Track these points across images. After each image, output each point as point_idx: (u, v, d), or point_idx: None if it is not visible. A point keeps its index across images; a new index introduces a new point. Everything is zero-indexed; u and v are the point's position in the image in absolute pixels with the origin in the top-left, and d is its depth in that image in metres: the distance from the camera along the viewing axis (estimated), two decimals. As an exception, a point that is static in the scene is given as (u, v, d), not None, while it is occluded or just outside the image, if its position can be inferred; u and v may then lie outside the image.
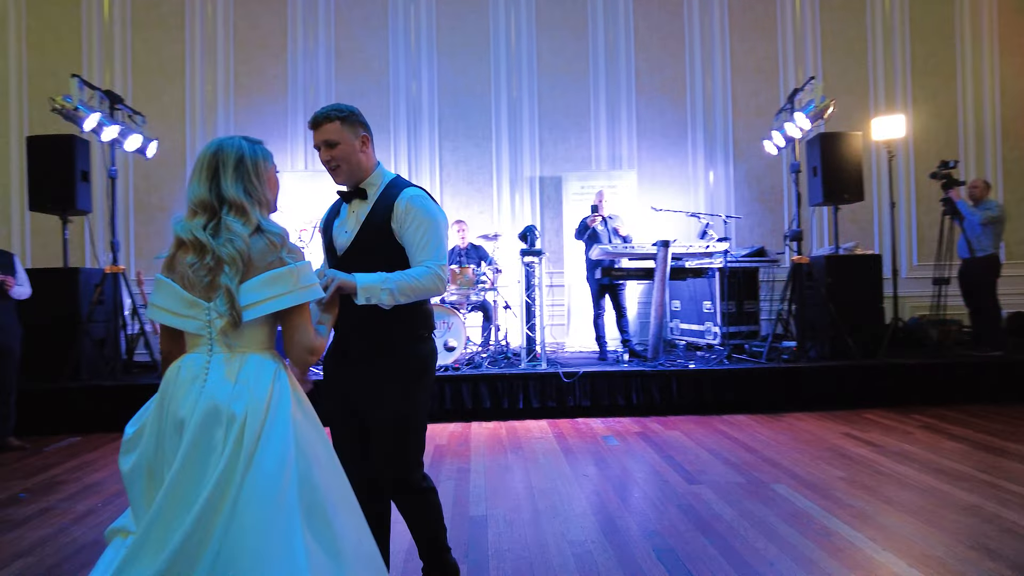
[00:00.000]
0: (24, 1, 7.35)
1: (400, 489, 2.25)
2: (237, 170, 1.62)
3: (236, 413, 1.50)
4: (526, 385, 5.73)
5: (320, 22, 7.52)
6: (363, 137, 2.17)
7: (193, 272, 1.57)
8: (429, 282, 2.09)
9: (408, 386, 2.20)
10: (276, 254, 1.60)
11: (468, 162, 7.63)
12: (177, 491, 1.46)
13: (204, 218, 1.59)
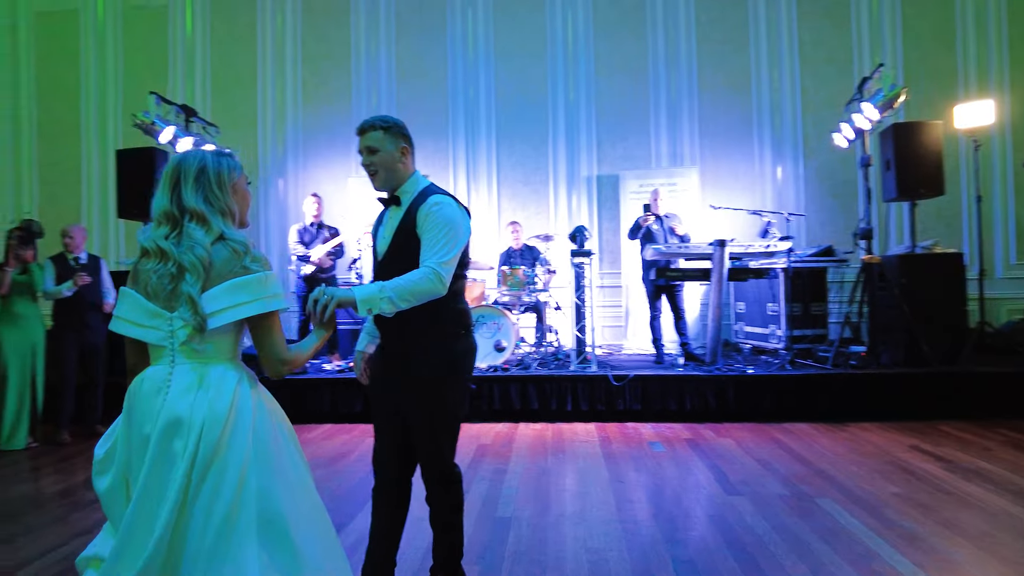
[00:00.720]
0: (120, 24, 7.99)
1: (439, 480, 2.36)
2: (198, 180, 1.64)
3: (195, 424, 1.50)
4: (574, 387, 5.66)
5: (381, 32, 7.74)
6: (403, 148, 2.30)
7: (157, 280, 1.58)
8: (427, 283, 2.12)
9: (441, 383, 2.29)
10: (239, 262, 1.60)
11: (525, 164, 7.64)
12: (143, 508, 1.46)
13: (167, 228, 1.61)
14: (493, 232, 7.57)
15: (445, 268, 2.16)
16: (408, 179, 2.35)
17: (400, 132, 2.30)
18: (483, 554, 2.92)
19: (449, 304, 2.31)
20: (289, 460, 1.63)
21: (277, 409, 1.71)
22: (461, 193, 7.66)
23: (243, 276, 1.59)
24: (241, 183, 1.75)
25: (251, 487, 1.52)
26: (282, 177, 7.86)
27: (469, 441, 5.01)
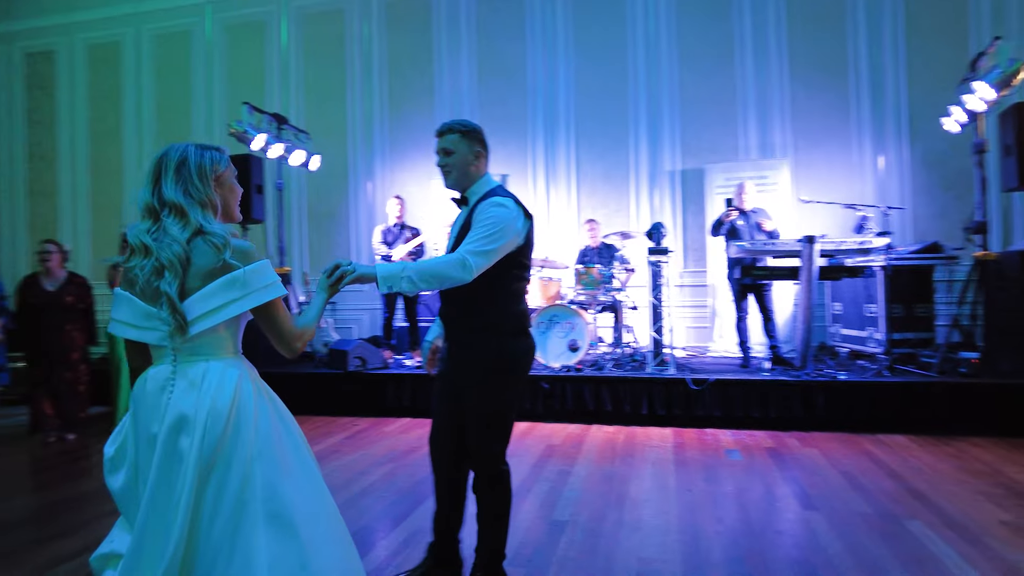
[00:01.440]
0: (225, 41, 8.59)
1: (484, 477, 2.44)
2: (179, 172, 1.63)
3: (199, 421, 1.53)
4: (650, 390, 5.48)
5: (463, 34, 7.84)
6: (477, 152, 2.42)
7: (143, 278, 1.58)
8: (451, 269, 2.18)
9: (494, 381, 2.38)
10: (219, 256, 1.58)
11: (604, 159, 7.49)
12: (156, 506, 1.51)
13: (149, 222, 1.61)
14: (572, 230, 7.48)
15: (475, 258, 2.20)
16: (478, 181, 2.45)
17: (476, 137, 2.42)
18: (532, 557, 2.88)
19: (506, 305, 2.41)
20: (293, 453, 1.66)
21: (279, 404, 1.73)
22: (540, 192, 7.63)
23: (231, 273, 1.58)
24: (227, 176, 1.74)
25: (256, 481, 1.55)
26: (370, 180, 8.15)
27: (538, 441, 4.97)
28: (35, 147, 9.38)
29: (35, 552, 3.04)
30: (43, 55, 9.30)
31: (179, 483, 1.50)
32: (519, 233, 2.34)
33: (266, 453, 1.59)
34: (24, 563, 2.93)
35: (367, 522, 3.35)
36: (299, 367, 6.64)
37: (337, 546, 1.65)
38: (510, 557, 2.85)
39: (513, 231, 2.30)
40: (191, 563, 1.50)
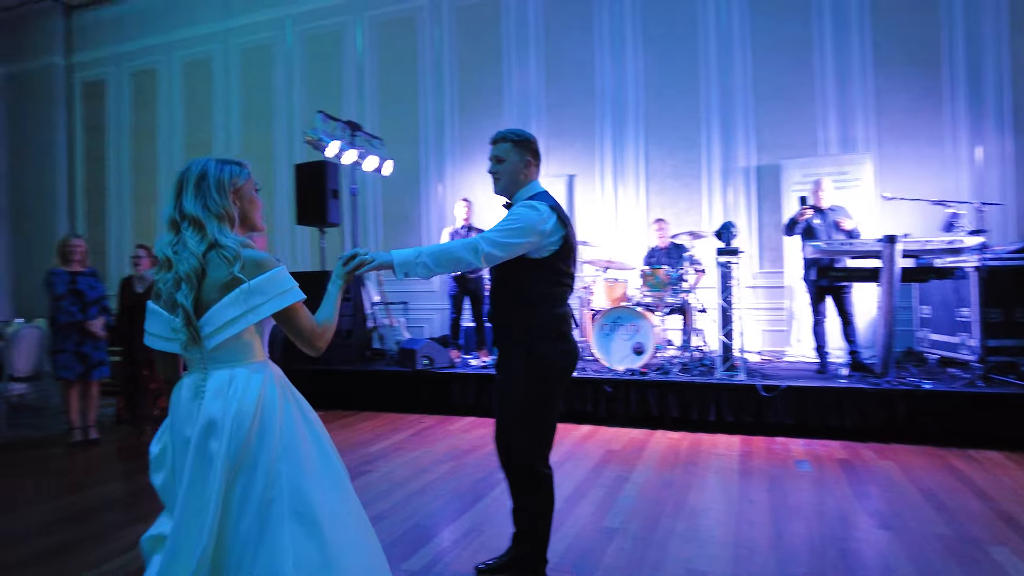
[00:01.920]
0: (304, 51, 8.99)
1: (522, 478, 2.50)
2: (199, 187, 1.70)
3: (226, 425, 1.61)
4: (718, 396, 5.31)
5: (530, 36, 7.86)
6: (528, 161, 2.51)
7: (166, 291, 1.68)
8: (463, 252, 2.27)
9: (530, 382, 2.44)
10: (228, 270, 1.64)
11: (674, 156, 7.30)
12: (190, 503, 1.60)
13: (172, 235, 1.69)
14: (640, 231, 7.34)
15: (488, 245, 2.29)
16: (524, 187, 2.53)
17: (528, 146, 2.52)
18: (577, 562, 2.86)
19: (542, 309, 2.47)
20: (318, 454, 1.72)
21: (305, 405, 1.79)
22: (608, 192, 7.54)
23: (241, 285, 1.64)
24: (247, 188, 1.80)
25: (282, 481, 1.63)
26: (441, 182, 8.32)
27: (598, 445, 4.92)
28: (137, 158, 10.16)
29: (119, 534, 3.31)
30: (146, 73, 10.06)
31: (210, 483, 1.59)
32: (545, 235, 2.38)
33: (291, 454, 1.66)
34: (110, 542, 3.20)
35: (421, 519, 3.42)
36: (370, 365, 6.87)
37: (361, 544, 1.71)
38: (556, 561, 2.85)
39: (535, 232, 2.34)
40: (222, 557, 1.59)
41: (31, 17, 10.51)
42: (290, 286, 1.71)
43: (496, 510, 3.47)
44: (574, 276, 2.60)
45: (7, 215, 10.70)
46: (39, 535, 3.34)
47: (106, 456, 5.01)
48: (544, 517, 2.50)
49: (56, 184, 10.43)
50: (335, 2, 8.80)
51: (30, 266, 9.95)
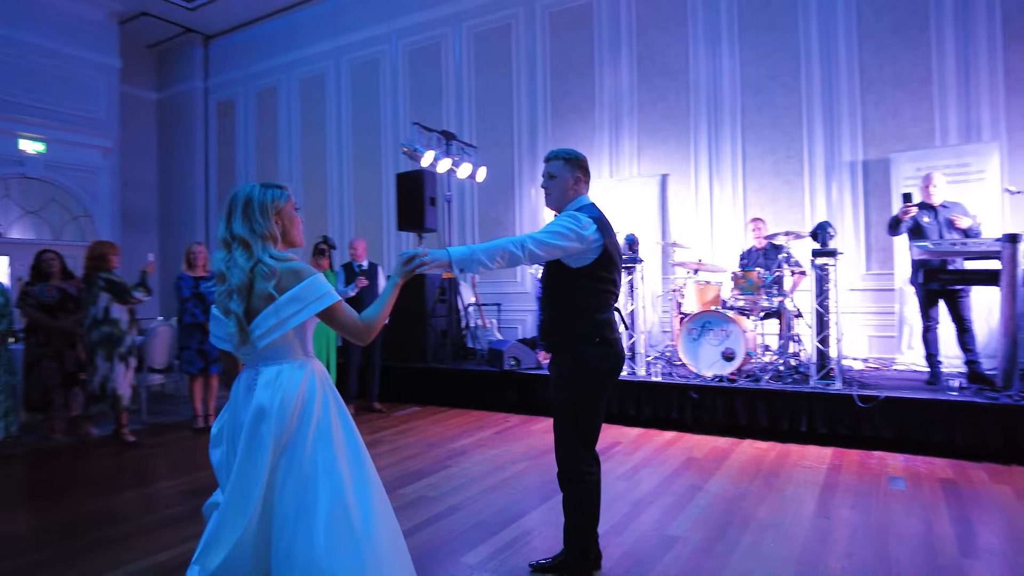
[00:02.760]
0: (407, 64, 9.46)
1: (562, 474, 2.64)
2: (245, 211, 1.95)
3: (273, 412, 1.87)
4: (810, 406, 5.05)
5: (622, 34, 7.79)
6: (577, 178, 2.68)
7: (221, 300, 1.94)
8: (511, 246, 2.40)
9: (571, 384, 2.58)
10: (266, 285, 1.90)
11: (774, 152, 6.97)
12: (241, 476, 1.87)
13: (225, 252, 1.96)
14: (736, 231, 7.09)
15: (532, 243, 2.42)
16: (573, 201, 2.68)
17: (578, 164, 2.68)
18: (631, 568, 2.88)
19: (584, 315, 2.59)
20: (347, 439, 1.98)
21: (339, 399, 2.05)
22: (703, 190, 7.34)
23: (284, 294, 1.90)
24: (287, 209, 2.03)
25: (318, 459, 1.89)
26: (534, 186, 8.45)
27: (679, 452, 4.85)
28: (261, 169, 11.13)
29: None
30: (269, 91, 11.00)
31: (259, 460, 1.86)
32: (585, 241, 2.49)
33: (325, 438, 1.92)
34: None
35: (488, 516, 3.57)
36: (462, 364, 7.14)
37: (385, 516, 1.94)
38: (609, 565, 2.89)
39: (575, 237, 2.47)
40: (267, 522, 1.86)
41: (177, 48, 11.80)
42: (324, 292, 1.93)
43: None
44: (617, 283, 2.68)
45: (156, 222, 12.10)
46: (167, 507, 3.84)
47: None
48: (585, 515, 2.58)
49: (195, 194, 11.65)
50: (436, 16, 9.17)
51: (176, 269, 11.21)
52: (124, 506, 3.93)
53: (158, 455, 5.12)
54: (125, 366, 5.36)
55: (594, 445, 2.65)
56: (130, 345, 5.42)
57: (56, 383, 5.39)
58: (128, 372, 5.38)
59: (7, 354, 5.20)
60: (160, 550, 3.17)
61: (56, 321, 5.38)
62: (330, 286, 1.97)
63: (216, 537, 1.87)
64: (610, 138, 7.91)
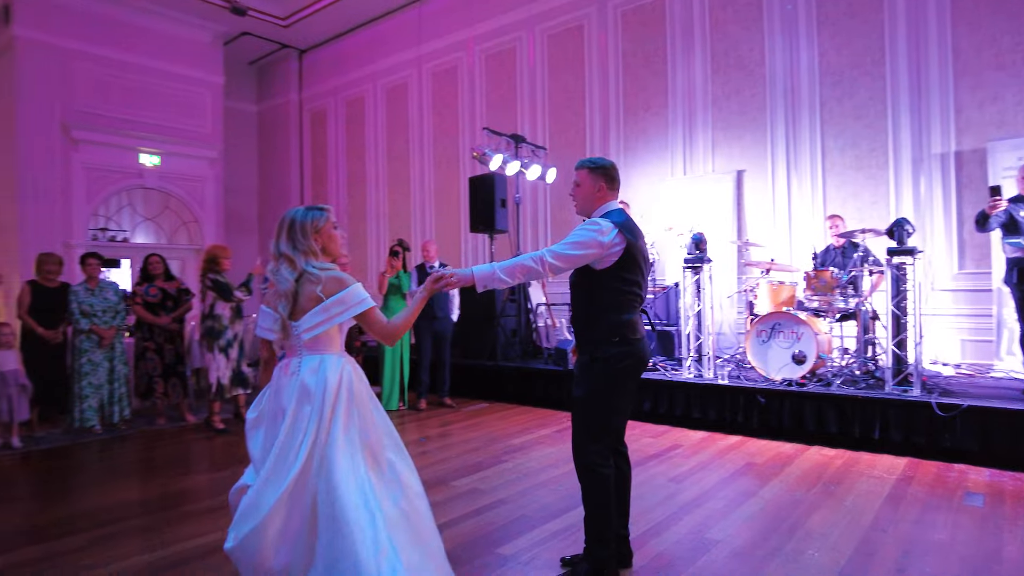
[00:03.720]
0: (482, 68, 9.67)
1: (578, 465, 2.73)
2: (290, 231, 2.33)
3: (317, 394, 2.21)
4: (884, 413, 4.78)
5: (695, 29, 7.62)
6: (601, 186, 2.79)
7: (270, 299, 2.34)
8: (530, 263, 2.56)
9: (589, 379, 2.70)
10: (314, 288, 2.27)
11: (856, 146, 6.59)
12: (284, 451, 2.19)
13: (273, 264, 2.34)
14: (816, 228, 6.77)
15: (551, 256, 2.55)
16: (599, 207, 2.79)
17: (603, 173, 2.79)
18: (663, 568, 2.90)
19: (607, 315, 2.68)
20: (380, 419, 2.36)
21: (367, 385, 2.39)
22: (780, 186, 7.06)
23: (324, 300, 2.26)
24: (326, 228, 2.39)
25: (355, 432, 2.24)
26: (606, 185, 8.42)
27: (740, 457, 4.75)
28: (350, 175, 11.73)
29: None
30: (357, 100, 11.57)
31: (301, 435, 2.18)
32: (605, 247, 2.57)
33: (363, 415, 2.29)
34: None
35: (532, 511, 3.66)
36: (529, 363, 7.26)
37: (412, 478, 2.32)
38: (642, 564, 2.92)
39: (594, 244, 2.57)
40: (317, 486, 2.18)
41: (274, 63, 12.65)
42: (363, 298, 2.30)
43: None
44: (641, 285, 2.73)
45: (257, 226, 13.03)
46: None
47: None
48: (598, 505, 2.64)
49: (290, 198, 12.44)
50: (511, 20, 9.33)
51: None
52: (207, 485, 4.34)
53: (240, 441, 5.58)
54: (225, 357, 5.86)
55: (608, 440, 2.72)
56: (230, 338, 5.90)
57: (158, 373, 5.99)
58: (228, 363, 5.87)
59: (120, 347, 5.84)
60: (230, 526, 3.51)
61: (158, 318, 5.98)
62: (366, 294, 2.32)
63: (253, 505, 2.16)
64: (684, 135, 7.76)
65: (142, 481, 4.49)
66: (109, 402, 5.72)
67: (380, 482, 2.22)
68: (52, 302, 5.60)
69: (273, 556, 2.13)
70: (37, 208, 8.85)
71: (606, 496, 2.66)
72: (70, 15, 9.22)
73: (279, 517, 2.12)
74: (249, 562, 2.16)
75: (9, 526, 3.61)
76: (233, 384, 5.88)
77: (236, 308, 5.94)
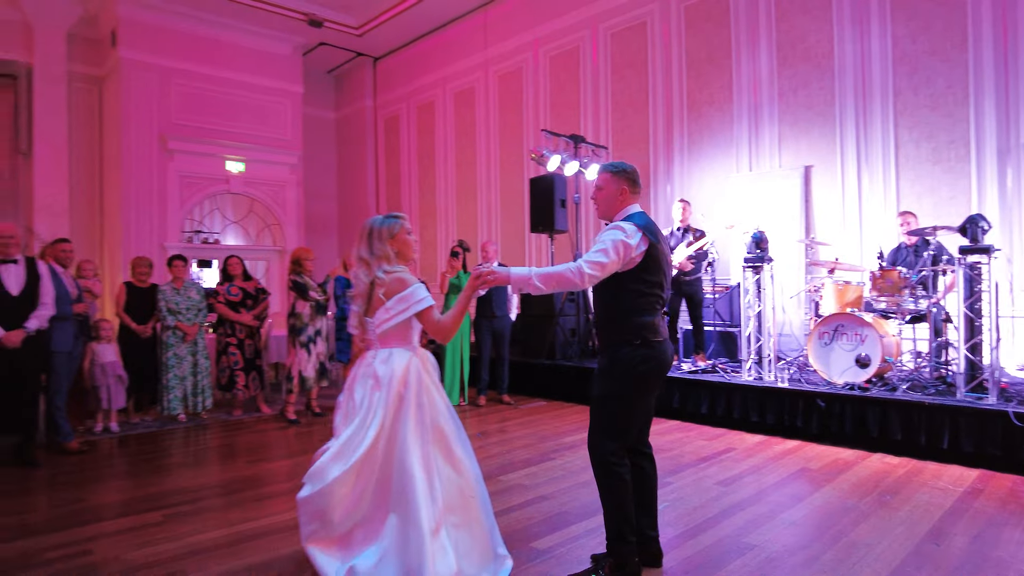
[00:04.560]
0: (546, 69, 9.75)
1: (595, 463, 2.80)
2: (368, 239, 2.72)
3: (384, 382, 2.62)
4: (954, 421, 4.53)
5: (761, 21, 7.40)
6: (623, 189, 2.85)
7: (353, 299, 2.80)
8: (567, 273, 2.61)
9: (609, 380, 2.77)
10: (379, 291, 2.67)
11: (933, 138, 6.21)
12: (355, 431, 2.64)
13: (356, 268, 2.77)
14: (887, 225, 6.45)
15: (587, 266, 2.60)
16: (622, 211, 2.85)
17: (624, 177, 2.85)
18: (693, 569, 2.91)
19: (627, 317, 2.73)
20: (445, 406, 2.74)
21: (435, 376, 2.77)
22: (850, 182, 6.77)
23: (393, 296, 2.64)
24: (400, 234, 2.75)
25: (423, 419, 2.62)
26: (669, 183, 8.33)
27: (794, 463, 4.63)
28: (422, 178, 12.09)
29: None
30: (427, 105, 11.92)
31: (371, 418, 2.62)
32: (632, 249, 2.62)
33: (430, 401, 2.67)
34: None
35: (572, 508, 3.73)
36: (587, 362, 7.29)
37: (472, 460, 2.71)
38: (672, 564, 2.95)
39: (624, 248, 2.61)
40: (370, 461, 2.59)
41: (350, 71, 13.20)
42: (420, 298, 2.64)
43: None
44: (663, 287, 2.75)
45: (336, 228, 13.65)
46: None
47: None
48: (616, 503, 2.68)
49: (366, 201, 12.96)
50: (574, 20, 9.36)
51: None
52: (280, 470, 4.68)
53: (312, 432, 5.93)
54: (307, 352, 6.25)
55: (626, 439, 2.76)
56: (311, 335, 6.27)
57: (239, 367, 6.45)
58: (310, 357, 6.26)
59: (203, 342, 6.34)
60: (289, 510, 3.79)
61: (238, 315, 6.43)
62: (425, 294, 2.67)
63: (321, 470, 2.63)
64: (749, 130, 7.56)
65: (221, 465, 4.88)
66: (192, 393, 6.22)
67: (439, 462, 2.61)
68: (144, 301, 6.15)
69: (335, 513, 2.60)
70: (138, 214, 9.67)
71: (623, 494, 2.70)
72: (167, 36, 10.01)
73: (343, 486, 2.58)
74: (312, 511, 2.64)
75: (105, 500, 4.05)
76: (315, 377, 6.28)
77: (316, 306, 6.29)
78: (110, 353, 5.76)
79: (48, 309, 4.76)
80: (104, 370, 5.69)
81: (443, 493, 2.57)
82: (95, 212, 10.37)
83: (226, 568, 2.98)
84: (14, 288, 4.62)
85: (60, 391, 5.11)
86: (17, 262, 4.70)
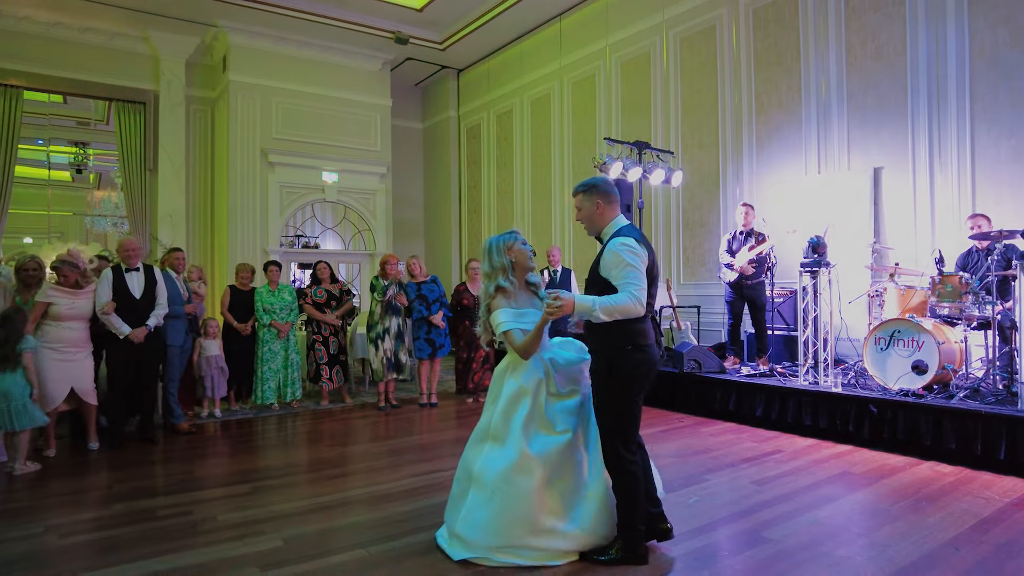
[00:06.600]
0: (618, 76, 9.94)
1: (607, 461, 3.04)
2: (488, 254, 3.15)
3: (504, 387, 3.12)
4: (1012, 431, 4.42)
5: (831, 22, 7.27)
6: (598, 203, 3.03)
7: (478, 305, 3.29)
8: (627, 304, 2.77)
9: (609, 384, 2.98)
10: (484, 304, 3.14)
11: (1015, 135, 5.92)
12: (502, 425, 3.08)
13: (483, 282, 3.23)
14: (963, 228, 6.21)
15: (640, 292, 2.79)
16: (607, 225, 3.04)
17: (596, 191, 3.03)
18: (702, 556, 3.12)
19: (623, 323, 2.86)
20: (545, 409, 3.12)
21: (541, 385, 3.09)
22: (922, 183, 6.56)
23: (490, 314, 3.13)
24: (515, 247, 3.16)
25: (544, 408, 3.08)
26: (739, 186, 8.33)
27: (837, 466, 4.68)
28: (500, 185, 12.58)
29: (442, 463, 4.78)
30: (506, 114, 12.39)
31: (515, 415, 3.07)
32: (643, 258, 2.84)
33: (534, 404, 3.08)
34: (441, 469, 4.67)
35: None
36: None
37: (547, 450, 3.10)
38: (683, 552, 3.17)
39: (640, 258, 2.82)
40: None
41: (436, 84, 13.91)
42: (500, 322, 3.05)
43: (675, 506, 3.80)
44: (652, 294, 2.96)
45: (423, 233, 14.41)
46: (382, 456, 5.05)
47: (442, 415, 6.83)
48: (628, 498, 2.94)
49: (451, 208, 13.62)
50: (644, 27, 9.50)
51: (435, 271, 13.24)
52: (360, 452, 5.28)
53: (389, 421, 6.52)
54: (375, 348, 6.88)
55: (634, 436, 2.99)
56: (380, 332, 6.89)
57: (325, 362, 7.16)
58: (378, 352, 6.88)
59: (294, 338, 7.08)
60: (378, 483, 4.39)
61: (323, 315, 7.14)
62: (505, 318, 3.04)
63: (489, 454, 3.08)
64: (817, 132, 7.46)
65: (306, 448, 5.53)
66: (284, 384, 6.98)
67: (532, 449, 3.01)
68: (245, 302, 6.96)
69: None
70: (243, 223, 10.75)
71: (636, 487, 2.96)
72: (270, 59, 11.04)
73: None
74: None
75: (207, 472, 4.76)
76: (386, 370, 6.88)
77: (386, 305, 6.89)
78: (215, 348, 6.59)
79: (163, 309, 5.59)
80: (209, 362, 6.52)
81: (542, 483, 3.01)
82: (208, 221, 11.59)
83: (299, 532, 3.51)
84: (136, 291, 5.47)
85: (174, 379, 5.97)
86: (139, 270, 5.55)
